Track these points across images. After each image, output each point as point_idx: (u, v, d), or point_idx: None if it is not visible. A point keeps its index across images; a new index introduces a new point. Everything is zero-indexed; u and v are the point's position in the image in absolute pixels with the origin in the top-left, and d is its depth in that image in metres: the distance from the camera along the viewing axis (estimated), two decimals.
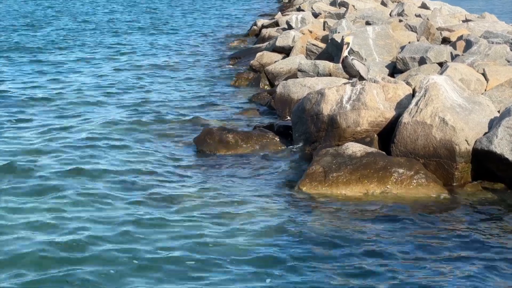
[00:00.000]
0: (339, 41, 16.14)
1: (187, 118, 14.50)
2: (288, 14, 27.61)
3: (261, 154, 11.92)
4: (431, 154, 10.32)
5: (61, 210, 9.19)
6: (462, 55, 14.07)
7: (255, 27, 28.89)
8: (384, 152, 10.50)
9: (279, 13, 31.31)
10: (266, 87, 17.49)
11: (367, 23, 19.16)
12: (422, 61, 14.23)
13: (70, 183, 10.22)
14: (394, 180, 9.95)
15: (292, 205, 9.53)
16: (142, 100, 16.24)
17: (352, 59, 11.40)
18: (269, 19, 30.02)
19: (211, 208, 9.36)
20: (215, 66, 21.43)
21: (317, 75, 15.24)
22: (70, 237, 8.27)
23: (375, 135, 11.05)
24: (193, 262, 7.67)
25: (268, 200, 9.69)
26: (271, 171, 11.07)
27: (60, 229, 8.56)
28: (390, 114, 11.07)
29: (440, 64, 13.86)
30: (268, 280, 7.29)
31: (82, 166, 11.07)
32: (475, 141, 10.19)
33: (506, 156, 9.85)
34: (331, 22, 20.65)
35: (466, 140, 10.17)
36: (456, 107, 10.44)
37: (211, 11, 41.97)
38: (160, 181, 10.44)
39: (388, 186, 9.90)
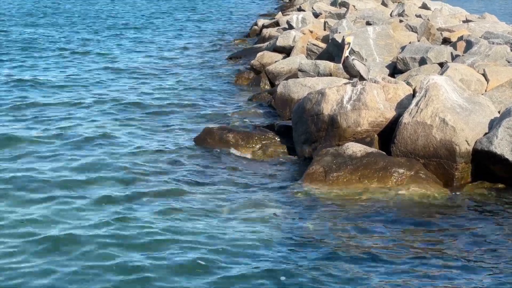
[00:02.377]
0: (339, 41, 16.14)
1: (187, 117, 14.50)
2: (288, 14, 27.62)
3: (261, 153, 11.92)
4: (431, 155, 10.32)
5: (52, 207, 9.18)
6: (463, 55, 14.07)
7: (255, 27, 28.90)
8: (384, 152, 10.51)
9: (280, 13, 31.32)
10: (266, 87, 17.50)
11: (368, 23, 19.16)
12: (423, 62, 14.24)
13: (65, 180, 10.24)
14: (394, 180, 9.95)
15: (292, 205, 9.53)
16: (142, 99, 16.24)
17: (353, 59, 11.41)
18: (270, 19, 30.03)
19: (210, 207, 9.36)
20: (216, 65, 21.43)
21: (318, 75, 15.24)
22: (62, 234, 8.29)
23: (376, 135, 11.05)
24: (190, 262, 7.66)
25: (268, 200, 9.69)
26: (271, 171, 11.07)
27: (52, 225, 8.58)
28: (391, 114, 11.07)
29: (441, 65, 13.86)
30: (267, 280, 7.29)
31: (78, 163, 11.09)
32: (475, 142, 10.20)
33: (506, 156, 9.86)
34: (331, 22, 20.65)
35: (466, 141, 10.18)
36: (456, 107, 10.45)
37: (211, 11, 41.97)
38: (159, 180, 10.44)
39: (388, 186, 9.90)
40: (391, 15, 22.01)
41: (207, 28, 32.08)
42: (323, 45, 17.99)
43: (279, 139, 12.35)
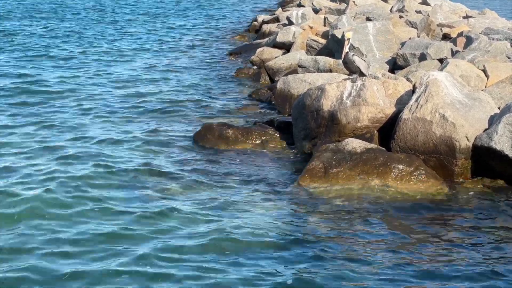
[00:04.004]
0: (339, 37, 16.13)
1: (186, 113, 14.49)
2: (288, 10, 27.62)
3: (261, 149, 11.93)
4: (431, 151, 10.32)
5: (54, 205, 9.17)
6: (463, 51, 14.07)
7: (255, 22, 28.89)
8: (384, 148, 10.50)
9: (280, 8, 31.33)
10: (266, 82, 17.49)
11: (368, 19, 19.16)
12: (423, 57, 14.23)
13: (66, 178, 10.24)
14: (394, 176, 9.95)
15: (292, 201, 9.53)
16: (141, 95, 16.22)
17: (353, 55, 11.40)
18: (270, 15, 30.01)
19: (209, 203, 9.35)
20: (215, 61, 21.42)
21: (318, 71, 15.24)
22: (66, 231, 8.27)
23: (375, 131, 11.05)
24: (190, 259, 7.65)
25: (267, 196, 9.69)
26: (271, 166, 11.07)
27: (54, 222, 8.57)
28: (390, 110, 11.07)
29: (441, 61, 13.86)
30: (266, 277, 7.29)
31: (80, 160, 11.08)
32: (475, 138, 10.19)
33: (506, 152, 9.86)
34: (331, 18, 20.66)
35: (466, 137, 10.17)
36: (456, 103, 10.45)
37: (211, 7, 41.95)
38: (159, 176, 10.43)
39: (388, 182, 9.90)
40: (391, 10, 22.01)
41: (207, 24, 32.06)
42: (323, 41, 17.99)
43: (278, 135, 12.35)
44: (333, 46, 16.93)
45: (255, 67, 18.95)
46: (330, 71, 15.08)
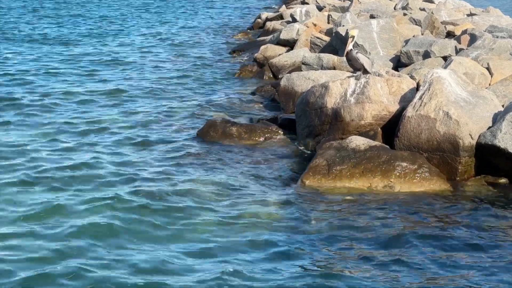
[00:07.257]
0: (343, 34, 16.13)
1: (190, 110, 14.49)
2: (292, 7, 27.59)
3: (264, 147, 11.93)
4: (434, 148, 10.32)
5: (58, 202, 9.17)
6: (467, 49, 14.05)
7: (259, 20, 28.88)
8: (387, 146, 10.49)
9: (283, 6, 31.30)
10: (270, 80, 17.48)
11: (372, 17, 19.15)
12: (426, 55, 14.21)
13: (69, 175, 10.26)
14: (398, 174, 9.94)
15: (295, 198, 9.53)
16: (144, 93, 16.23)
17: (357, 52, 11.39)
18: (274, 12, 30.00)
19: (213, 200, 9.35)
20: (219, 59, 21.42)
21: (321, 68, 15.23)
22: (71, 229, 8.29)
23: (379, 129, 11.04)
24: (191, 255, 7.66)
25: (271, 193, 9.69)
26: (274, 164, 11.07)
27: (57, 218, 8.59)
28: (394, 107, 11.06)
29: (444, 58, 13.84)
30: (267, 274, 7.28)
31: (86, 157, 11.10)
32: (479, 135, 10.18)
33: (510, 150, 9.84)
34: (335, 15, 20.65)
35: (469, 134, 10.16)
36: (460, 101, 10.44)
37: (214, 5, 41.93)
38: (162, 173, 10.44)
39: (391, 180, 9.90)
40: (395, 8, 21.97)
41: (210, 21, 32.06)
42: (327, 38, 17.98)
43: (282, 132, 12.35)
44: (336, 44, 16.92)
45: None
46: (334, 68, 15.07)
